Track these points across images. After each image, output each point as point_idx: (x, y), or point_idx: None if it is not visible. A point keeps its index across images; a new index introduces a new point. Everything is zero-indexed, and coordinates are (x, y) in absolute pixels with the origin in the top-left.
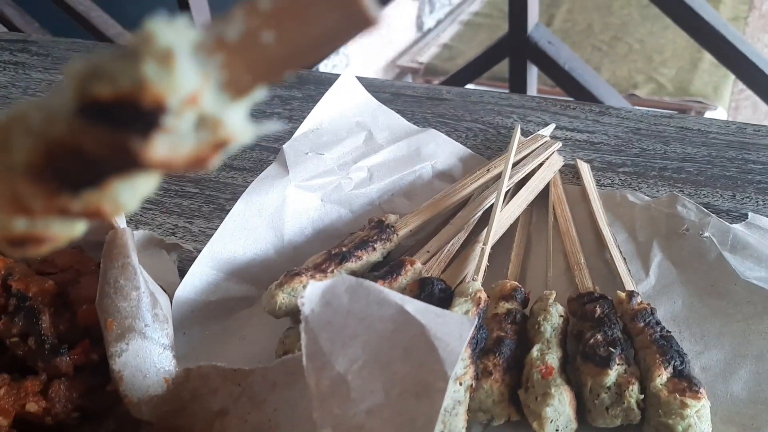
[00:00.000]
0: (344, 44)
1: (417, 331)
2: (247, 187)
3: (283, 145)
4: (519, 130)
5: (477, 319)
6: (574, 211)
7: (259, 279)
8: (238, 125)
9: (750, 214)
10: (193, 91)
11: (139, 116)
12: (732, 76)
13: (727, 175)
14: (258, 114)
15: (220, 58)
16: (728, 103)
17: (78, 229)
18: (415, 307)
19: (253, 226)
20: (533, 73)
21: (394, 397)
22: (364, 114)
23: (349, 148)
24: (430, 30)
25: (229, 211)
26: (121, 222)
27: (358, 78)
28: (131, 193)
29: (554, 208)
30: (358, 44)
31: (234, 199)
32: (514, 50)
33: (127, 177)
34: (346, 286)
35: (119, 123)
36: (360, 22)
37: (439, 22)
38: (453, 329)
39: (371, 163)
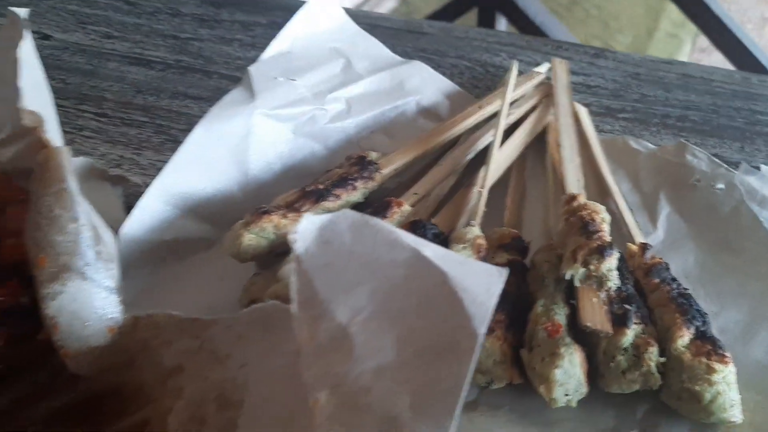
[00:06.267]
0: None
1: (437, 279)
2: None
3: (249, 67)
4: (517, 66)
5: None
6: None
7: (219, 218)
8: None
9: (762, 166)
10: None
11: None
12: (687, 46)
13: (735, 126)
14: (217, 39)
15: None
16: None
17: None
18: (434, 252)
19: (212, 158)
20: (501, 26)
21: (408, 356)
22: (342, 39)
23: (324, 75)
24: None
25: (183, 142)
26: (56, 140)
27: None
28: None
29: (552, 152)
30: None
31: (189, 130)
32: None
33: None
34: (349, 223)
35: None
36: None
37: None
38: (480, 281)
39: (349, 94)
